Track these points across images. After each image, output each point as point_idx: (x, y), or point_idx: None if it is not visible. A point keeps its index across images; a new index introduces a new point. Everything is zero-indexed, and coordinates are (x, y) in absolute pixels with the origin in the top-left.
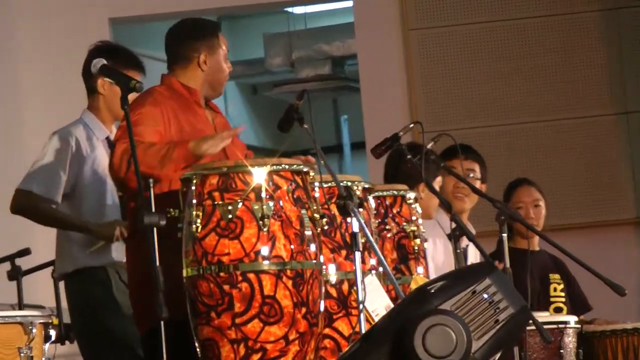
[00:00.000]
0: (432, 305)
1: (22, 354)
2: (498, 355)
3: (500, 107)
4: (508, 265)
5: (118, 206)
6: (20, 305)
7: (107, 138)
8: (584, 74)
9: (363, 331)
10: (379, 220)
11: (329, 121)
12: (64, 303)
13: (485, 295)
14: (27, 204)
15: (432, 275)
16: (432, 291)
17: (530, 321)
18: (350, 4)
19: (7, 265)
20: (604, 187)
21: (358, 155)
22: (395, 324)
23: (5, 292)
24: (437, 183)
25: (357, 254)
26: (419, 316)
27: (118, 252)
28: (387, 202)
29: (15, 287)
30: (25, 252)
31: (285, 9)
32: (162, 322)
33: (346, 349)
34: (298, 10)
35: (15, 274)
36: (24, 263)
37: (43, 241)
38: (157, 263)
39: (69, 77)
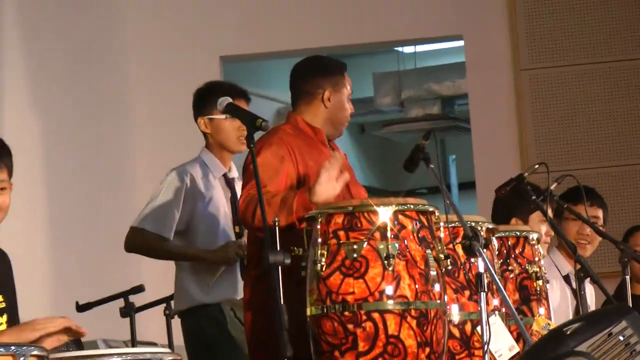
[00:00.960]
0: (569, 347)
1: None
2: None
3: (611, 148)
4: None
5: None
6: (133, 342)
7: (225, 175)
8: None
9: None
10: (501, 260)
11: (436, 161)
12: (176, 340)
13: (621, 338)
14: (139, 242)
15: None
16: (568, 333)
17: None
18: (461, 43)
19: (120, 302)
20: None
21: (465, 195)
22: None
23: (118, 329)
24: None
25: (483, 295)
26: (556, 358)
27: (233, 289)
28: (510, 243)
29: (127, 324)
30: (139, 289)
31: (395, 49)
32: None
33: None
34: (408, 49)
35: (129, 311)
36: (137, 300)
37: (156, 278)
38: (282, 302)
39: (180, 113)
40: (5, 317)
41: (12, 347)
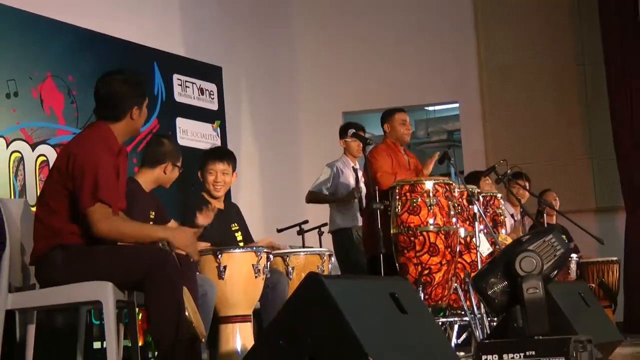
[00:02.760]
0: (524, 247)
1: (319, 270)
2: (556, 272)
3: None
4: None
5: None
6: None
7: (353, 167)
8: None
9: (480, 261)
10: (484, 207)
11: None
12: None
13: (551, 242)
14: (312, 197)
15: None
16: (524, 240)
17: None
18: (457, 105)
19: (296, 228)
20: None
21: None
22: (506, 256)
23: (296, 242)
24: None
25: (476, 223)
26: (518, 252)
27: (355, 219)
28: (487, 198)
29: (300, 239)
30: (306, 221)
31: (425, 107)
32: (381, 255)
33: (481, 267)
34: (432, 107)
35: (302, 232)
36: (305, 226)
37: (314, 215)
38: (379, 226)
39: (317, 143)
40: (240, 235)
41: (253, 248)
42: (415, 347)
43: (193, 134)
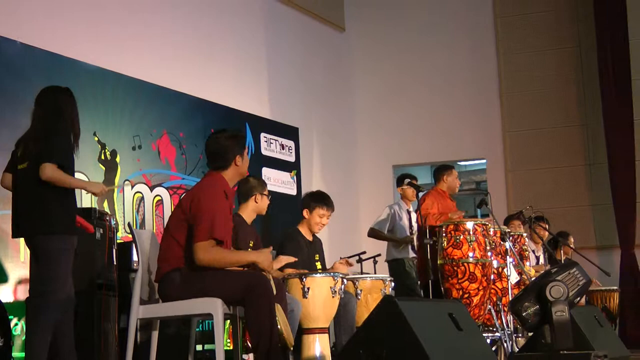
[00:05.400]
0: (553, 277)
1: (382, 292)
2: (579, 298)
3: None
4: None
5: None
6: (362, 273)
7: (407, 210)
8: None
9: (510, 288)
10: (513, 243)
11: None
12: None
13: (575, 274)
14: (372, 233)
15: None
16: (553, 271)
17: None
18: (484, 160)
19: (356, 257)
20: None
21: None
22: (537, 285)
23: (355, 269)
24: (517, 226)
25: (508, 258)
26: (548, 281)
27: (408, 251)
28: (515, 237)
29: (359, 267)
30: (363, 252)
31: (459, 163)
32: (430, 281)
33: (516, 293)
34: (462, 162)
35: (360, 260)
36: (363, 255)
37: (371, 246)
38: (429, 257)
39: (380, 186)
40: (319, 264)
41: (331, 273)
42: (469, 358)
43: (275, 181)
